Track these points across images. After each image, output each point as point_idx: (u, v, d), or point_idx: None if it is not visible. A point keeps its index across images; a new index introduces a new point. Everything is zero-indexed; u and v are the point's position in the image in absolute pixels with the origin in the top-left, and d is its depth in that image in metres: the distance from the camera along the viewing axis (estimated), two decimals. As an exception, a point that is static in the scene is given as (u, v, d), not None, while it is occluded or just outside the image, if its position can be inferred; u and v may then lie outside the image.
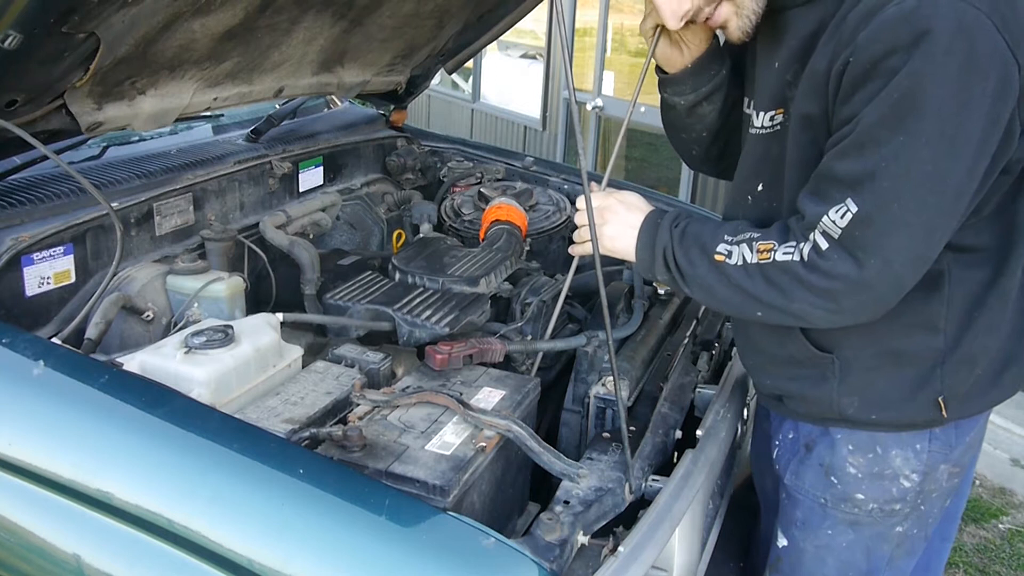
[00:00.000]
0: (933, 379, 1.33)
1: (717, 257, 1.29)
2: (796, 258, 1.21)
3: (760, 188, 1.40)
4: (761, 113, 1.37)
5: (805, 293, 1.20)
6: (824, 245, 1.18)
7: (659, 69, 1.54)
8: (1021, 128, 1.17)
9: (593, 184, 1.52)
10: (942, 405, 1.33)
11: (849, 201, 1.15)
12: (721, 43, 1.50)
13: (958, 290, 1.29)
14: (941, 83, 1.07)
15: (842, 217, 1.15)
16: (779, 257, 1.23)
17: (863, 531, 1.44)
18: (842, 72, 1.15)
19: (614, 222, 1.44)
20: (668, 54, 1.49)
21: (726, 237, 1.30)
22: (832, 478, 1.42)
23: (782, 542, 1.54)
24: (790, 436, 1.50)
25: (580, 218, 1.50)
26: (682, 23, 1.32)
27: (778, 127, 1.34)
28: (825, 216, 1.17)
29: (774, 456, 1.54)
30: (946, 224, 1.16)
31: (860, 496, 1.41)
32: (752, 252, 1.26)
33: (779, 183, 1.34)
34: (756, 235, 1.28)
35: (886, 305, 1.21)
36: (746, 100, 1.47)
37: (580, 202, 1.47)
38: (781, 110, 1.33)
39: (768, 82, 1.35)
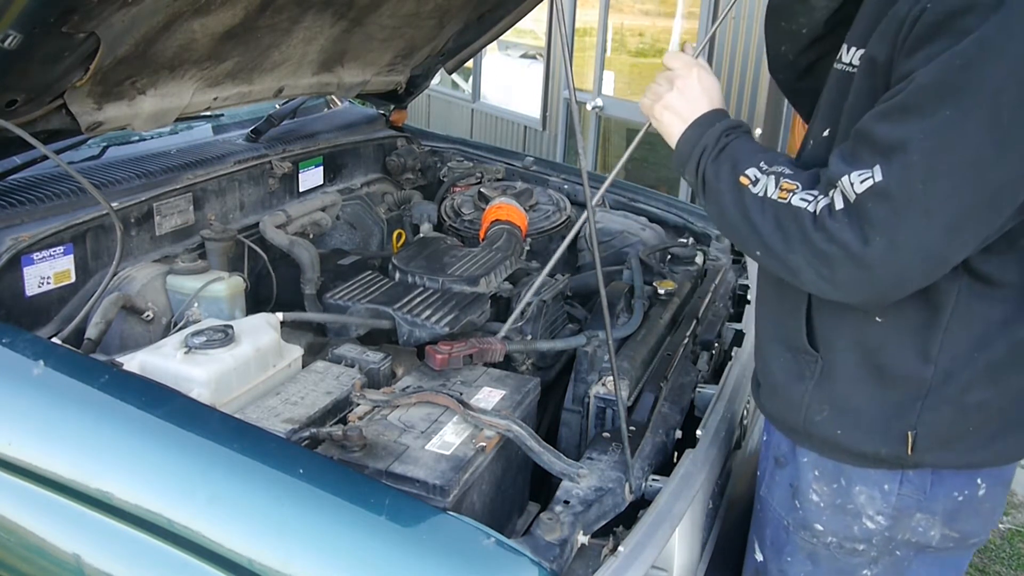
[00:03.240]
0: (910, 410, 1.21)
1: (743, 179, 1.18)
2: (811, 208, 1.10)
3: (826, 134, 1.27)
4: (852, 49, 1.22)
5: (805, 248, 1.10)
6: (839, 205, 1.07)
7: None
8: None
9: (688, 46, 1.40)
10: (910, 441, 1.22)
11: (877, 168, 1.03)
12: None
13: (960, 321, 1.16)
14: (1010, 60, 0.94)
15: (862, 182, 1.04)
16: (795, 201, 1.12)
17: (822, 566, 1.35)
18: (916, 20, 1.03)
19: (678, 99, 1.32)
20: None
21: (761, 164, 1.19)
22: (796, 501, 1.35)
23: (759, 556, 1.48)
24: (778, 447, 1.43)
25: (659, 76, 1.37)
26: None
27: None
28: (846, 176, 1.06)
29: (761, 463, 1.49)
30: (974, 226, 1.03)
31: (819, 527, 1.33)
32: (775, 187, 1.15)
33: (846, 132, 1.19)
34: (788, 172, 1.16)
35: (883, 294, 1.10)
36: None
37: (667, 58, 1.37)
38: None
39: (865, 14, 1.20)
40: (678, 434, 1.64)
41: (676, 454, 1.56)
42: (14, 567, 1.26)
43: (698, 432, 1.57)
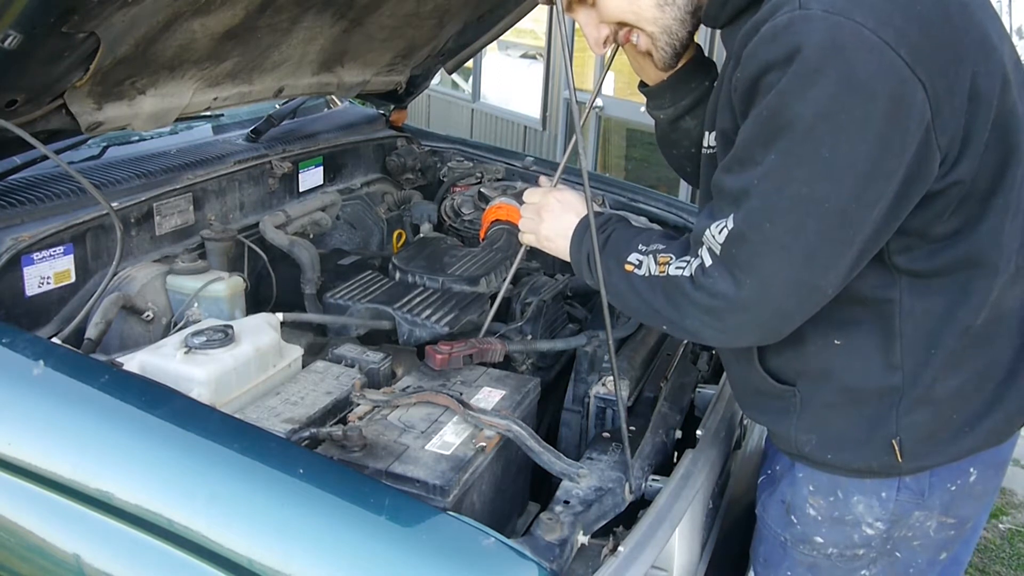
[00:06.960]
0: (888, 419, 1.24)
1: (627, 267, 1.27)
2: (686, 274, 1.18)
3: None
4: (708, 133, 1.32)
5: (693, 310, 1.17)
6: (709, 262, 1.14)
7: (641, 83, 1.51)
8: (942, 154, 1.07)
9: (542, 178, 1.55)
10: (896, 449, 1.24)
11: (731, 217, 1.11)
12: (706, 53, 1.46)
13: (910, 321, 1.20)
14: (812, 103, 1.01)
15: (720, 232, 1.12)
16: (672, 272, 1.20)
17: (822, 575, 1.38)
18: (736, 89, 1.12)
19: (550, 221, 1.43)
20: (642, 65, 1.44)
21: (640, 247, 1.27)
22: (792, 517, 1.37)
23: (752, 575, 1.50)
24: (772, 464, 1.46)
25: (523, 210, 1.51)
26: (606, 48, 1.34)
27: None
28: (707, 230, 1.14)
29: (759, 481, 1.50)
30: (835, 251, 1.08)
31: (819, 539, 1.34)
32: (655, 264, 1.23)
33: None
34: (661, 247, 1.25)
35: (773, 329, 1.16)
36: None
37: (525, 195, 1.50)
38: None
39: (711, 102, 1.31)
40: (678, 434, 1.64)
41: (676, 454, 1.56)
42: (14, 567, 1.26)
43: (698, 432, 1.57)
